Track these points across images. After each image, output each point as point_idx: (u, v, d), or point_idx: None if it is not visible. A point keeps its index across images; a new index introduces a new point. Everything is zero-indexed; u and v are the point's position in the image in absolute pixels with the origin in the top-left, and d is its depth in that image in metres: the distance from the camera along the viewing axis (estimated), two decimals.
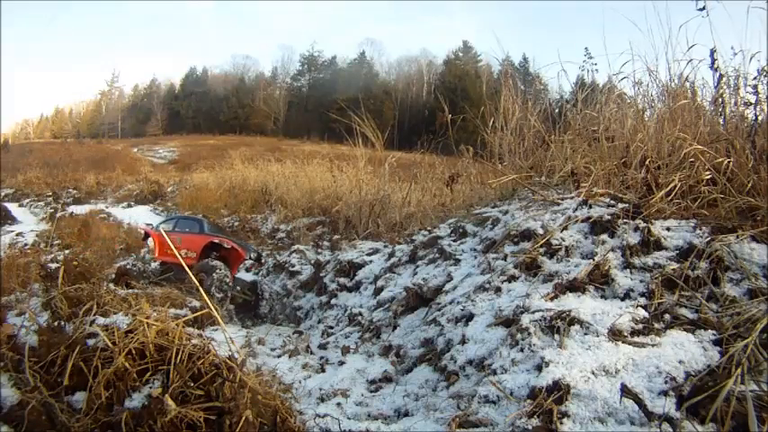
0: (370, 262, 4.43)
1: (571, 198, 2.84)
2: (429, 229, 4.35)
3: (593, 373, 1.44)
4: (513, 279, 2.31)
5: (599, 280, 2.01)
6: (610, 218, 2.33)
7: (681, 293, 1.79)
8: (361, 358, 2.64)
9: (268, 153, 18.04)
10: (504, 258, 2.58)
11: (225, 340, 1.63)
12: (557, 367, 1.49)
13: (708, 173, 2.34)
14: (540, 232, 2.54)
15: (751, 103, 2.74)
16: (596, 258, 2.10)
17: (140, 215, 9.91)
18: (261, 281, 5.15)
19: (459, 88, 38.26)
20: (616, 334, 1.62)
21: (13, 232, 6.97)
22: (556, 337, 1.69)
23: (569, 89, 4.82)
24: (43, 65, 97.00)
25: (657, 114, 3.21)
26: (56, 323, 1.83)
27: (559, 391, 1.39)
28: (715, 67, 2.88)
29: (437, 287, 2.88)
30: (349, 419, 1.80)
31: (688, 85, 3.10)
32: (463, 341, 2.08)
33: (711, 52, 2.83)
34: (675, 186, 2.36)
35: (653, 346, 1.53)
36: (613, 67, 3.99)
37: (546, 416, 1.34)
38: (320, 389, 2.18)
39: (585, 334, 1.65)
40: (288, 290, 5.08)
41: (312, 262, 5.36)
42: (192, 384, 1.40)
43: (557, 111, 4.62)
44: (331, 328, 3.80)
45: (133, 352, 1.49)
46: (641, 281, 1.92)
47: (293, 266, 5.36)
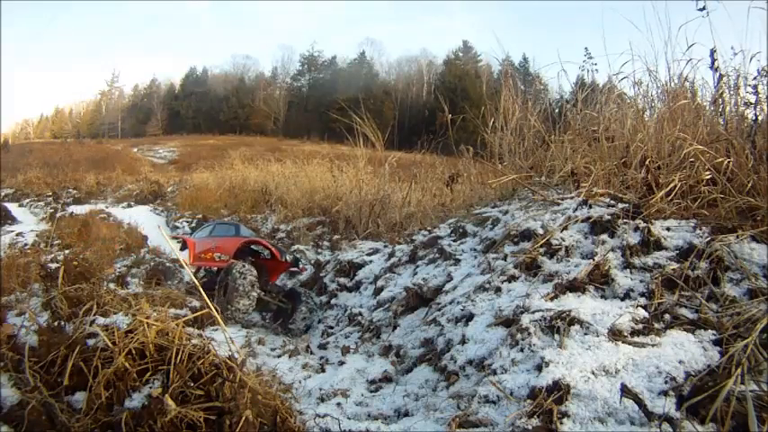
0: (370, 262, 4.44)
1: (571, 198, 2.84)
2: (429, 229, 4.36)
3: (593, 373, 1.44)
4: (513, 279, 2.31)
5: (599, 280, 2.01)
6: (610, 218, 2.33)
7: (681, 293, 1.79)
8: (361, 358, 2.64)
9: (268, 153, 18.02)
10: (504, 258, 2.58)
11: (225, 340, 1.63)
12: (557, 367, 1.50)
13: (708, 173, 2.34)
14: (540, 232, 2.54)
15: (751, 103, 2.75)
16: (596, 258, 2.10)
17: (140, 215, 9.88)
18: (301, 290, 4.52)
19: (459, 88, 38.26)
20: (616, 334, 1.62)
21: (13, 232, 6.94)
22: (556, 337, 1.69)
23: (569, 89, 4.81)
24: (43, 65, 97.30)
25: (657, 114, 3.21)
26: (56, 323, 1.83)
27: (559, 391, 1.39)
28: (715, 67, 2.88)
29: (437, 287, 2.88)
30: (349, 419, 1.80)
31: (688, 85, 3.10)
32: (463, 341, 2.08)
33: (711, 52, 2.83)
34: (675, 186, 2.36)
35: (653, 346, 1.53)
36: (613, 68, 4.01)
37: (546, 416, 1.34)
38: (320, 389, 2.18)
39: (585, 334, 1.65)
40: None
41: (312, 262, 5.37)
42: (192, 384, 1.40)
43: (557, 111, 4.62)
44: (331, 328, 3.80)
45: (133, 352, 1.49)
46: (641, 281, 1.92)
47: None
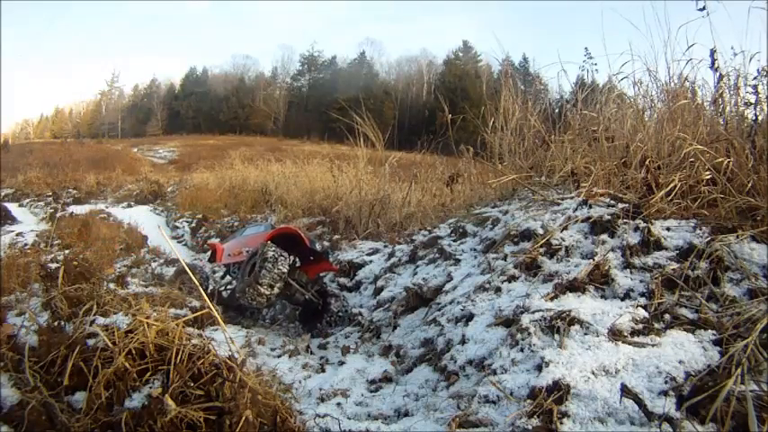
0: (370, 262, 4.44)
1: (571, 198, 2.84)
2: (429, 229, 4.36)
3: (593, 373, 1.44)
4: (513, 279, 2.31)
5: (599, 280, 2.01)
6: (610, 218, 2.33)
7: (681, 293, 1.79)
8: (361, 358, 2.64)
9: (268, 153, 18.02)
10: (504, 258, 2.58)
11: (225, 340, 1.63)
12: (557, 367, 1.49)
13: (708, 173, 2.34)
14: (540, 232, 2.54)
15: (751, 103, 2.74)
16: (596, 258, 2.10)
17: (140, 215, 9.87)
18: (337, 290, 4.09)
19: (459, 88, 38.33)
20: (616, 334, 1.62)
21: (13, 232, 6.93)
22: (556, 337, 1.69)
23: (569, 89, 4.81)
24: (43, 65, 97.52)
25: (657, 114, 3.21)
26: (56, 323, 1.83)
27: (559, 391, 1.39)
28: (715, 67, 2.87)
29: (437, 287, 2.88)
30: (349, 419, 1.80)
31: (688, 84, 3.10)
32: (463, 341, 2.08)
33: (711, 52, 2.83)
34: (675, 186, 2.36)
35: (653, 346, 1.53)
36: (613, 68, 4.00)
37: (546, 416, 1.34)
38: (320, 389, 2.18)
39: (585, 334, 1.65)
40: None
41: None
42: (192, 384, 1.40)
43: (557, 111, 4.61)
44: (331, 327, 3.80)
45: (133, 352, 1.49)
46: (641, 281, 1.92)
47: None
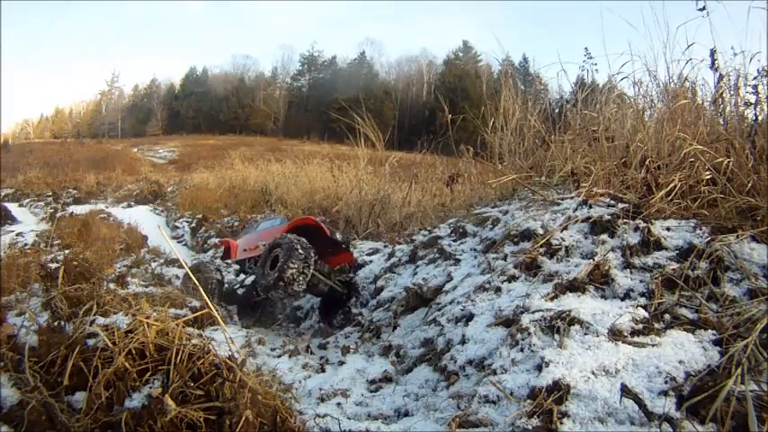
0: (370, 262, 4.44)
1: (571, 198, 2.84)
2: (429, 229, 4.36)
3: (593, 373, 1.44)
4: (513, 279, 2.31)
5: (599, 280, 2.01)
6: (610, 218, 2.33)
7: (681, 293, 1.79)
8: (361, 358, 2.64)
9: (268, 153, 18.03)
10: (504, 258, 2.58)
11: (225, 340, 1.63)
12: (557, 367, 1.49)
13: (708, 173, 2.34)
14: (540, 232, 2.54)
15: (751, 103, 2.74)
16: (596, 258, 2.10)
17: (140, 215, 9.87)
18: (359, 279, 4.08)
19: (460, 88, 38.33)
20: (616, 334, 1.62)
21: (13, 232, 6.92)
22: (556, 337, 1.69)
23: (569, 89, 4.81)
24: (43, 65, 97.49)
25: (657, 114, 3.21)
26: (56, 323, 1.83)
27: (559, 391, 1.39)
28: (715, 67, 2.87)
29: (437, 287, 2.88)
30: (349, 419, 1.80)
31: (688, 84, 3.10)
32: (463, 341, 2.08)
33: (711, 52, 2.83)
34: (675, 186, 2.36)
35: (653, 346, 1.53)
36: (613, 68, 3.99)
37: (546, 416, 1.34)
38: (320, 389, 2.17)
39: (585, 334, 1.65)
40: None
41: None
42: (192, 384, 1.40)
43: (557, 111, 4.61)
44: (331, 327, 3.80)
45: (133, 352, 1.49)
46: (641, 281, 1.92)
47: None
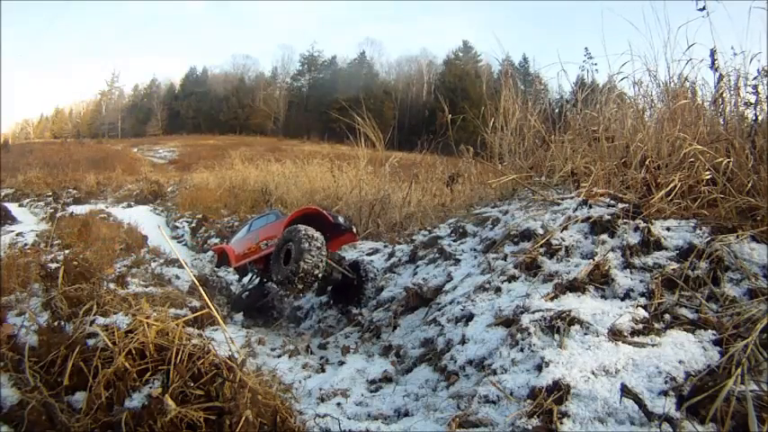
0: (371, 262, 4.43)
1: (571, 198, 2.84)
2: (429, 229, 4.36)
3: (593, 373, 1.44)
4: (513, 279, 2.31)
5: (599, 280, 2.01)
6: (610, 218, 2.33)
7: (681, 293, 1.79)
8: (361, 358, 2.64)
9: (268, 153, 18.04)
10: (504, 258, 2.58)
11: (225, 340, 1.63)
12: (557, 367, 1.50)
13: (708, 173, 2.34)
14: (540, 232, 2.54)
15: (751, 103, 2.74)
16: (596, 258, 2.10)
17: (140, 215, 9.88)
18: (363, 260, 4.16)
19: (460, 88, 38.31)
20: (616, 334, 1.62)
21: (13, 232, 6.92)
22: (556, 337, 1.69)
23: (569, 89, 4.81)
24: (43, 65, 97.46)
25: (657, 114, 3.22)
26: (56, 323, 1.83)
27: (559, 391, 1.39)
28: (715, 67, 2.87)
29: (437, 287, 2.88)
30: (349, 419, 1.80)
31: (688, 84, 3.10)
32: (463, 341, 2.08)
33: (711, 52, 2.83)
34: (675, 186, 2.36)
35: (653, 346, 1.53)
36: (613, 68, 4.00)
37: (546, 416, 1.34)
38: (320, 389, 2.17)
39: (585, 334, 1.65)
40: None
41: None
42: (192, 384, 1.40)
43: (557, 111, 4.61)
44: (331, 327, 3.80)
45: (133, 352, 1.49)
46: (641, 281, 1.92)
47: None
